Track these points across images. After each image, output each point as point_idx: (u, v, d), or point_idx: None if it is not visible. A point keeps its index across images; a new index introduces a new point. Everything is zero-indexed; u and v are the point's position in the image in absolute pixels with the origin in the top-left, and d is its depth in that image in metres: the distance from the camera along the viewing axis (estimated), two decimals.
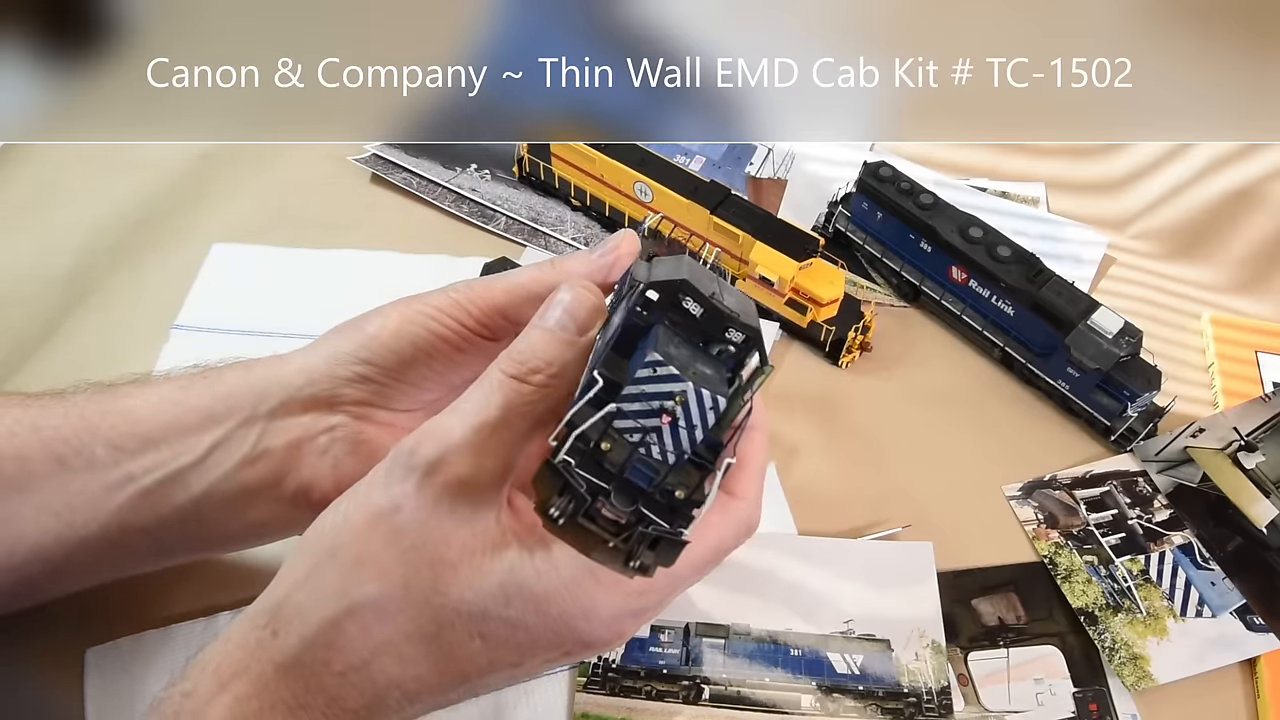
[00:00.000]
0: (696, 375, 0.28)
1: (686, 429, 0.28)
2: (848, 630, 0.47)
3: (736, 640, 0.47)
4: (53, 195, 0.63)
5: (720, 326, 0.30)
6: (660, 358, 0.27)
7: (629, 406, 0.27)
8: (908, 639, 0.47)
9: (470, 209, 0.65)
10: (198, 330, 0.57)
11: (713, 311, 0.29)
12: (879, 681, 0.46)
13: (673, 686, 0.45)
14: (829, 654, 0.47)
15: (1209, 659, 0.48)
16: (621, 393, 0.27)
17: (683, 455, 0.28)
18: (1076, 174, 0.72)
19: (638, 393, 0.27)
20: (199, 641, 0.44)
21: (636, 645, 0.46)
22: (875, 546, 0.50)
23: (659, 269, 0.31)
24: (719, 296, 0.30)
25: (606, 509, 0.28)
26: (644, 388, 0.27)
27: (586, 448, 0.27)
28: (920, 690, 0.46)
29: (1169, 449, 0.55)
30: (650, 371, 0.27)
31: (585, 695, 0.44)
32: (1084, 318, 0.54)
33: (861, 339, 0.58)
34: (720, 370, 0.29)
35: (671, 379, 0.27)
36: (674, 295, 0.29)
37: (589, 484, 0.28)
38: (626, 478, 0.28)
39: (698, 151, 0.70)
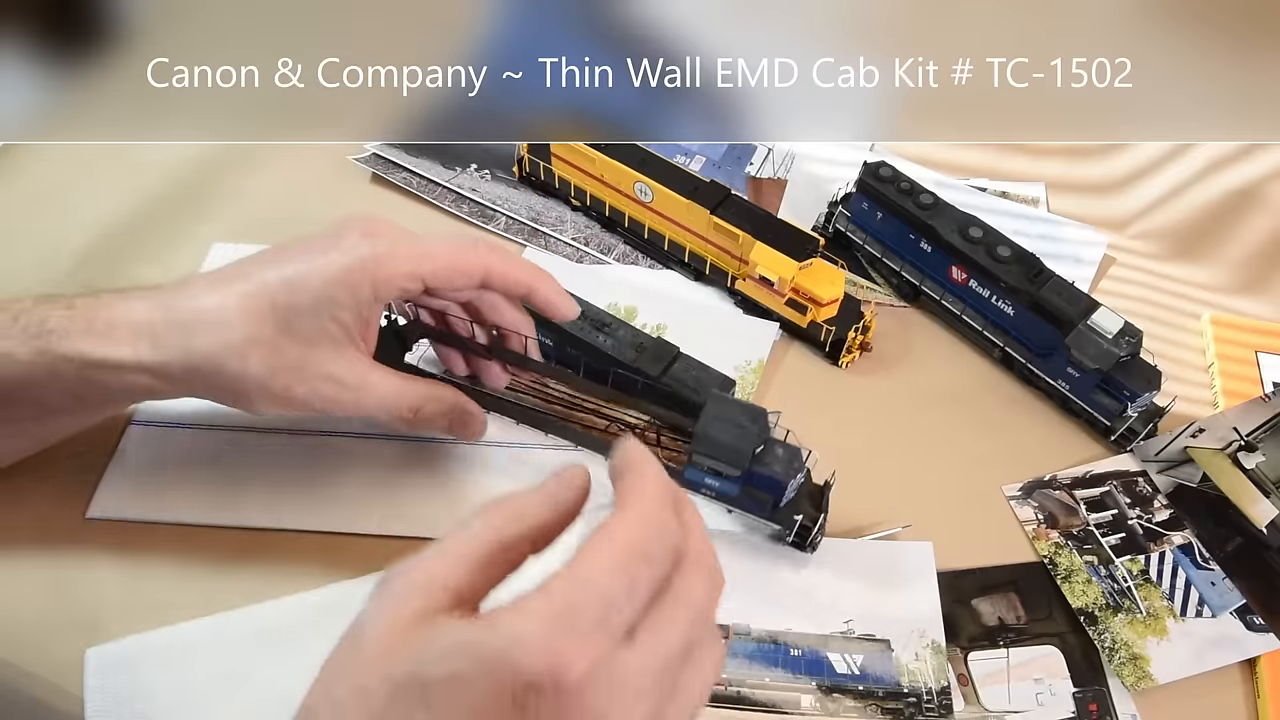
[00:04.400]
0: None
1: None
2: (848, 630, 0.47)
3: (736, 640, 0.47)
4: (53, 196, 0.63)
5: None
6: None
7: None
8: (908, 639, 0.47)
9: (470, 209, 0.65)
10: None
11: None
12: (879, 681, 0.46)
13: None
14: (829, 654, 0.46)
15: (1209, 659, 0.48)
16: None
17: None
18: (1076, 174, 0.72)
19: None
20: (199, 641, 0.44)
21: None
22: (875, 546, 0.50)
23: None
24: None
25: None
26: None
27: None
28: (920, 690, 0.46)
29: (1169, 449, 0.55)
30: None
31: None
32: (1084, 318, 0.54)
33: (861, 339, 0.58)
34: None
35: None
36: None
37: None
38: None
39: (698, 151, 0.70)
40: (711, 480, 0.48)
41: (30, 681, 0.44)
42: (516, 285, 0.45)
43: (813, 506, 0.48)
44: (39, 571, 0.47)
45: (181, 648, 0.44)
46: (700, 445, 0.47)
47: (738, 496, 0.48)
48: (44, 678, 0.44)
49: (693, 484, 0.49)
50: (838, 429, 0.55)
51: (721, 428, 0.46)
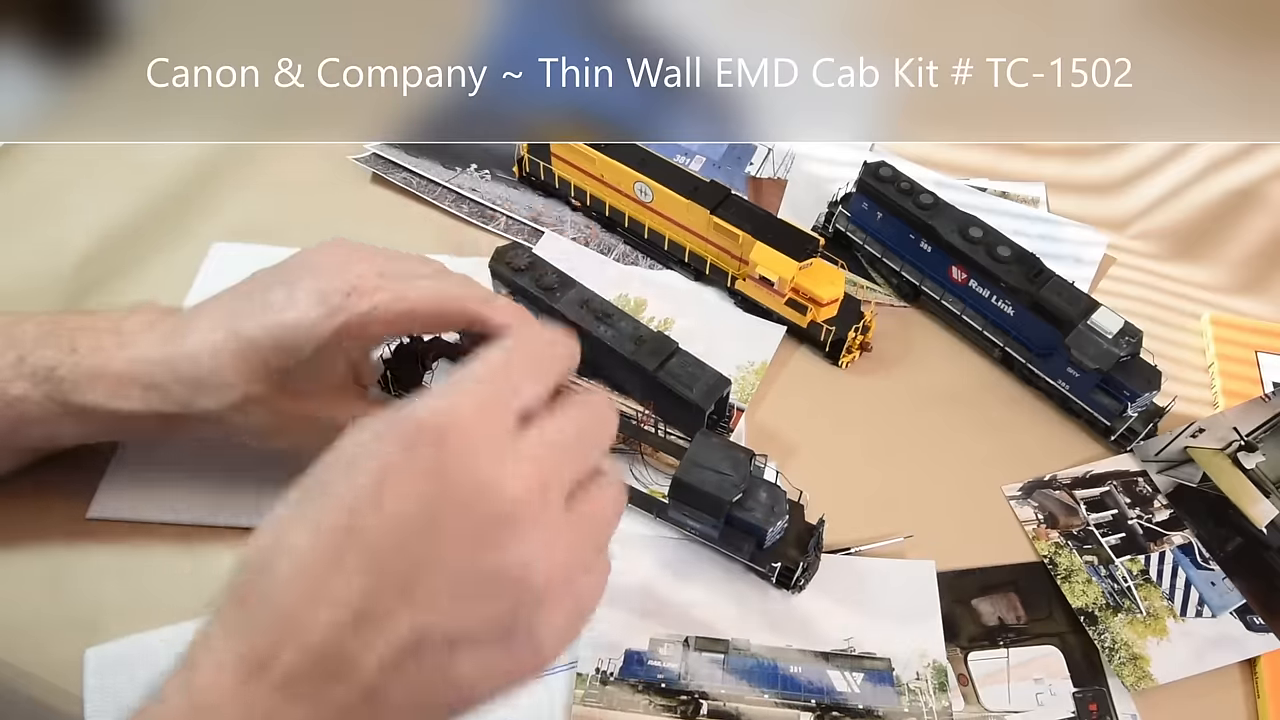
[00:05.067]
0: None
1: None
2: (848, 648, 0.47)
3: (736, 656, 0.46)
4: (54, 196, 0.63)
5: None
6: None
7: None
8: (909, 659, 0.47)
9: (470, 209, 0.65)
10: None
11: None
12: (880, 700, 0.45)
13: (671, 701, 0.45)
14: (829, 672, 0.46)
15: (1209, 659, 0.48)
16: None
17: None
18: (1076, 174, 0.72)
19: None
20: None
21: (635, 659, 0.46)
22: (876, 564, 0.50)
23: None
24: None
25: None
26: None
27: None
28: (921, 710, 0.45)
29: (1169, 449, 0.55)
30: None
31: (583, 709, 0.44)
32: (1084, 318, 0.54)
33: (861, 339, 0.58)
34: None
35: None
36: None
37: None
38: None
39: (698, 151, 0.70)
40: (693, 521, 0.47)
41: (29, 681, 0.44)
42: (494, 329, 0.45)
43: (798, 548, 0.47)
44: (39, 571, 0.47)
45: (181, 648, 0.44)
46: (678, 493, 0.46)
47: (719, 539, 0.48)
48: (43, 678, 0.44)
49: (677, 522, 0.49)
50: (837, 429, 0.56)
51: (702, 476, 0.45)
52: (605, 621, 0.46)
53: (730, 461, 0.45)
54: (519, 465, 0.29)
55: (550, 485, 0.30)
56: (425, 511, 0.28)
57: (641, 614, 0.47)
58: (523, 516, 0.29)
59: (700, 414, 0.51)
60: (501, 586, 0.29)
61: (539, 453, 0.30)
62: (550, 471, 0.30)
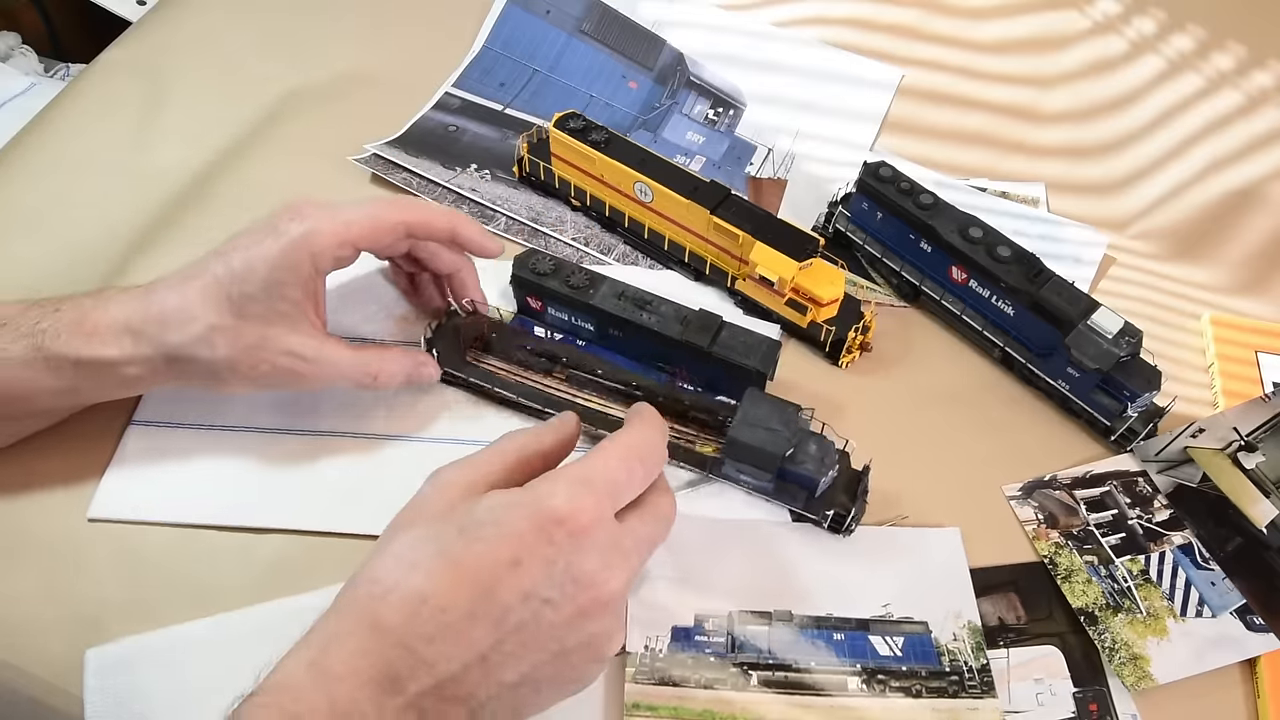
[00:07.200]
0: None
1: None
2: (886, 614, 0.48)
3: (780, 626, 0.47)
4: (53, 196, 0.63)
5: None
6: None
7: None
8: (944, 620, 0.48)
9: (470, 209, 0.65)
10: None
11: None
12: (921, 661, 0.47)
13: (720, 674, 0.46)
14: (871, 637, 0.48)
15: (1209, 659, 0.48)
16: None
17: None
18: (1076, 174, 0.72)
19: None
20: (198, 642, 0.44)
21: (683, 634, 0.47)
22: (905, 534, 0.51)
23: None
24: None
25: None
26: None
27: None
28: (961, 669, 0.47)
29: (1169, 449, 0.55)
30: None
31: (634, 686, 0.45)
32: (1084, 318, 0.54)
33: (861, 339, 0.58)
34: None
35: None
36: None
37: None
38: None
39: (698, 151, 0.70)
40: (747, 476, 0.50)
41: (29, 681, 0.44)
42: (439, 231, 0.51)
43: (847, 495, 0.50)
44: (39, 571, 0.47)
45: (181, 648, 0.44)
46: (731, 451, 0.49)
47: (773, 491, 0.50)
48: (43, 678, 0.44)
49: (729, 477, 0.51)
50: (838, 429, 0.56)
51: (752, 433, 0.48)
52: (650, 601, 0.48)
53: (780, 417, 0.49)
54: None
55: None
56: (547, 585, 0.36)
57: (685, 590, 0.48)
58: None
59: (762, 379, 0.53)
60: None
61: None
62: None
